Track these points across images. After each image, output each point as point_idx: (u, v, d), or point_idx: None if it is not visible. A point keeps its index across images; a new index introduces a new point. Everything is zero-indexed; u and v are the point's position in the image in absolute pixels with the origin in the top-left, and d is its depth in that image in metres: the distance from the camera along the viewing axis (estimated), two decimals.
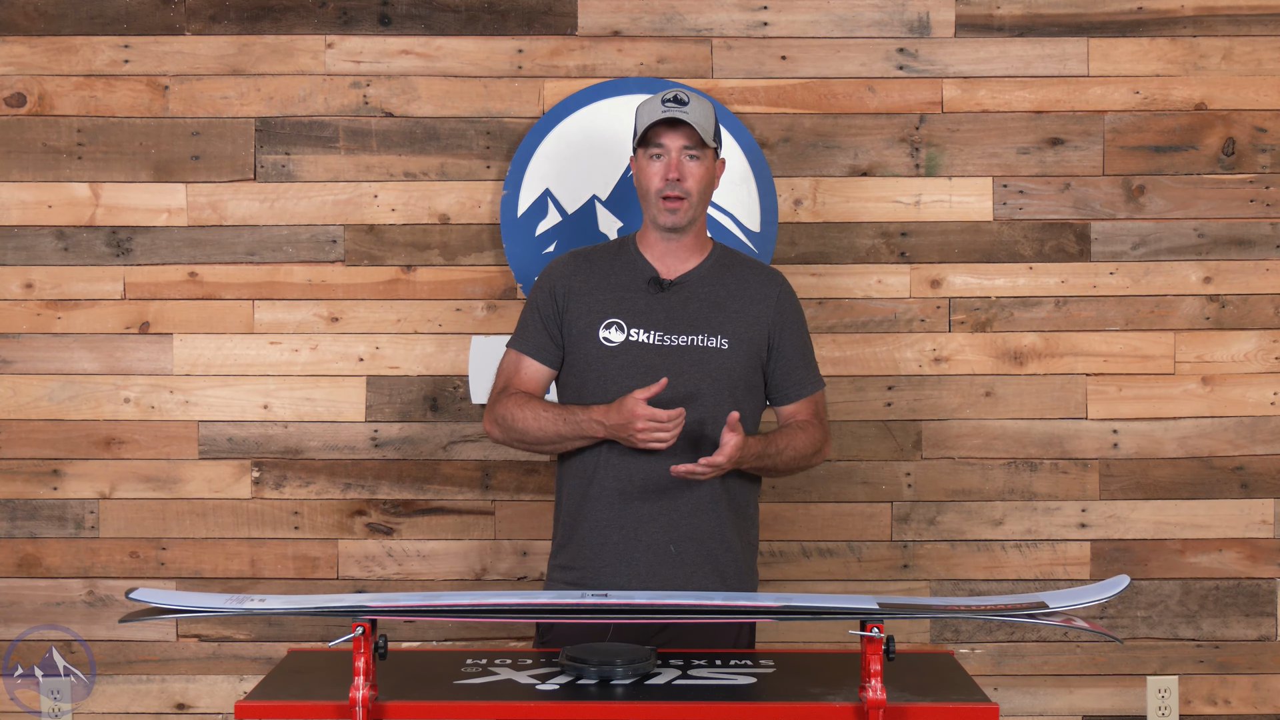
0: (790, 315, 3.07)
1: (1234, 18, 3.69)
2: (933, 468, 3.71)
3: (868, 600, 2.49)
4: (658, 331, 2.98)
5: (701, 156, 2.96)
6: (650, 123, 2.95)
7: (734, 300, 3.02)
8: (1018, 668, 3.73)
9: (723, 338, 2.99)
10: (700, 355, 2.97)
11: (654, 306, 3.00)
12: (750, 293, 3.04)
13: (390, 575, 3.70)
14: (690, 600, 2.58)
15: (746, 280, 3.05)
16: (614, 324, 3.00)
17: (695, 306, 3.01)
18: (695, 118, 2.94)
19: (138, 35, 3.68)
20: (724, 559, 3.00)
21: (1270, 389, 3.72)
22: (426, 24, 3.69)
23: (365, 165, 3.69)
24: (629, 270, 3.04)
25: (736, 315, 3.01)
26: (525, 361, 3.05)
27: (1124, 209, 3.71)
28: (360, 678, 2.34)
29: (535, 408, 2.97)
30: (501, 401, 3.02)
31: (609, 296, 3.02)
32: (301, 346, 3.70)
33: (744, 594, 2.92)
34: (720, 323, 3.00)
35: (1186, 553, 3.73)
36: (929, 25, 3.69)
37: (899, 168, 3.70)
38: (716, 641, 2.97)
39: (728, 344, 2.99)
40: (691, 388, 2.94)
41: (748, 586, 3.05)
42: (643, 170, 2.99)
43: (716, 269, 3.05)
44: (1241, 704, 3.74)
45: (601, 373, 2.97)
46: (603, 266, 3.06)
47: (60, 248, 3.69)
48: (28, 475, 3.70)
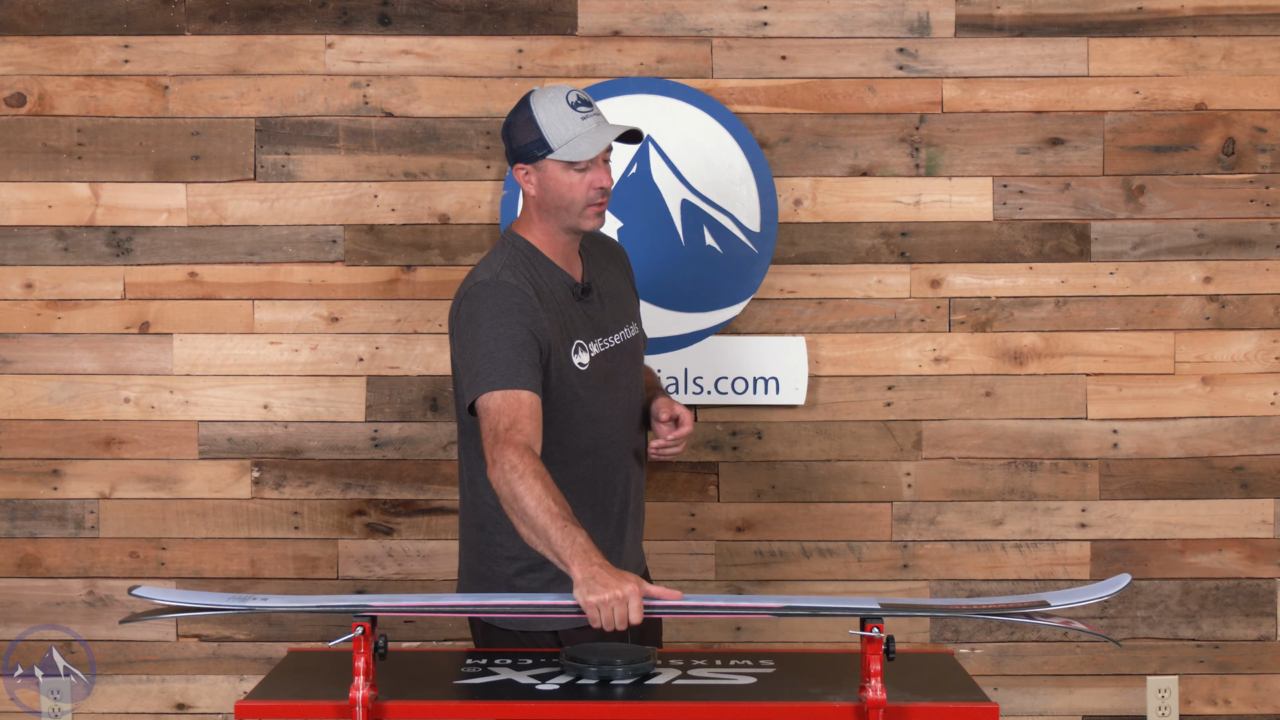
0: (632, 276, 3.06)
1: (1234, 18, 3.69)
2: (933, 468, 3.72)
3: (869, 601, 2.49)
4: (600, 338, 2.86)
5: (609, 157, 2.83)
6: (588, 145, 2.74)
7: (618, 280, 2.97)
8: (1018, 668, 3.73)
9: (634, 323, 2.97)
10: (634, 348, 2.94)
11: (588, 314, 2.86)
12: (619, 266, 3.00)
13: (390, 575, 3.70)
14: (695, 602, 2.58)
15: (609, 257, 2.99)
16: (578, 345, 2.82)
17: (608, 302, 2.90)
18: (622, 124, 2.87)
19: (138, 35, 3.68)
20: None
21: (1270, 389, 3.72)
22: (426, 24, 3.69)
23: (365, 165, 3.69)
24: (558, 284, 2.83)
25: (627, 295, 2.99)
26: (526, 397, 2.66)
27: (1124, 209, 3.71)
28: (360, 678, 2.34)
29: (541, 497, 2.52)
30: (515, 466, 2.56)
31: (558, 317, 2.80)
32: (301, 346, 3.70)
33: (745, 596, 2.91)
34: (625, 307, 2.96)
35: (1186, 553, 3.73)
36: (929, 25, 3.69)
37: (899, 168, 3.70)
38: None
39: (637, 327, 2.98)
40: (635, 379, 2.93)
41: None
42: (561, 182, 2.77)
43: (590, 258, 2.92)
44: (1241, 704, 3.74)
45: (576, 395, 2.80)
46: (543, 286, 2.80)
47: (60, 248, 3.69)
48: (28, 475, 3.71)
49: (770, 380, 3.67)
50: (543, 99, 2.78)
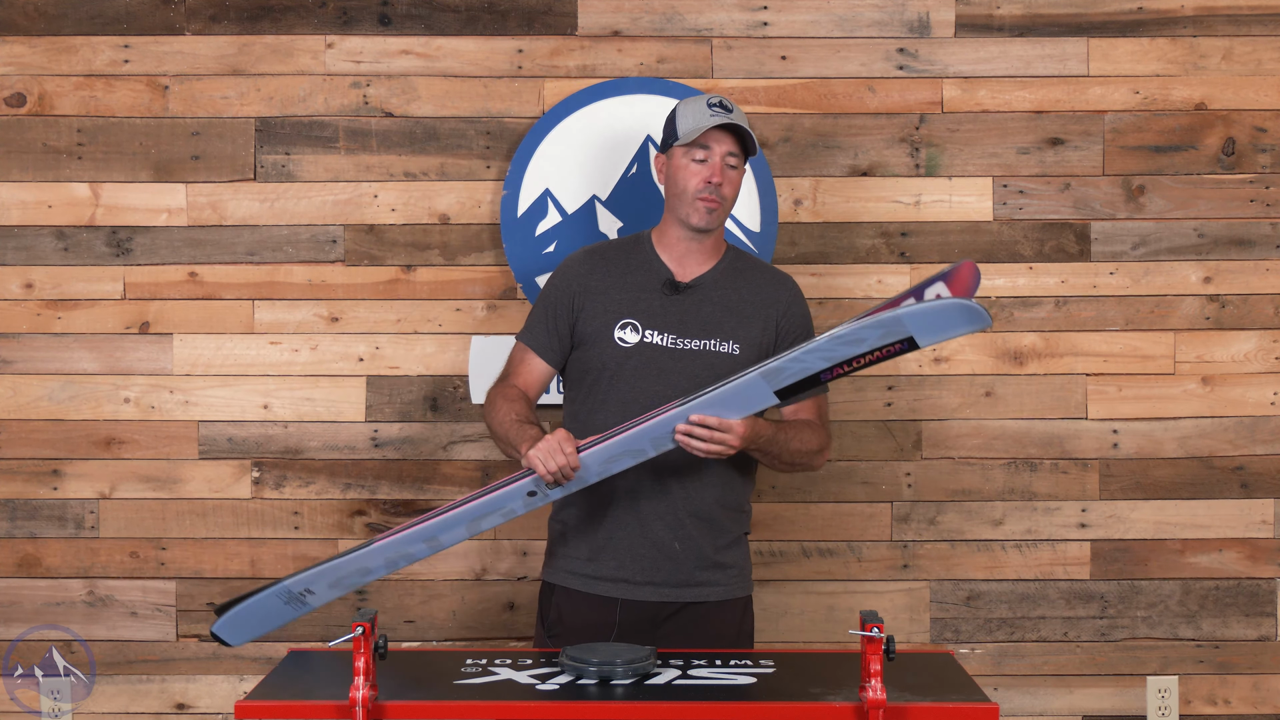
0: (797, 318, 3.10)
1: (1234, 18, 3.69)
2: (933, 468, 3.71)
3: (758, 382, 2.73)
4: (671, 334, 3.01)
5: (739, 166, 3.04)
6: (703, 124, 2.98)
7: (746, 305, 3.05)
8: (1018, 668, 3.73)
9: (735, 343, 3.02)
10: (712, 360, 2.99)
11: (669, 309, 3.02)
12: (762, 297, 3.07)
13: (390, 575, 3.69)
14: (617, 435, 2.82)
15: (758, 284, 3.08)
16: (629, 324, 3.03)
17: (709, 310, 3.04)
18: (745, 124, 3.02)
19: (138, 35, 3.68)
20: (719, 556, 3.05)
21: (1270, 389, 3.72)
22: (426, 24, 3.69)
23: (365, 165, 3.69)
24: (644, 270, 3.07)
25: (748, 320, 3.04)
26: (530, 356, 3.10)
27: (1124, 209, 3.71)
28: (360, 678, 2.34)
29: (505, 412, 2.98)
30: (492, 398, 3.06)
31: (625, 296, 3.04)
32: (301, 346, 3.70)
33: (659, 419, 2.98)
34: (732, 328, 3.03)
35: (1186, 553, 3.73)
36: (929, 25, 3.69)
37: (899, 168, 3.70)
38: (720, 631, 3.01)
39: (739, 350, 3.02)
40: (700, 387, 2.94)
41: (744, 576, 3.12)
42: (682, 169, 3.01)
43: (730, 273, 3.09)
44: (1241, 704, 3.74)
45: (615, 372, 3.01)
46: (619, 265, 3.09)
47: (60, 248, 3.69)
48: (28, 475, 3.71)
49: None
50: (688, 99, 3.08)
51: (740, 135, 3.02)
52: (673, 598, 3.00)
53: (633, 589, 2.98)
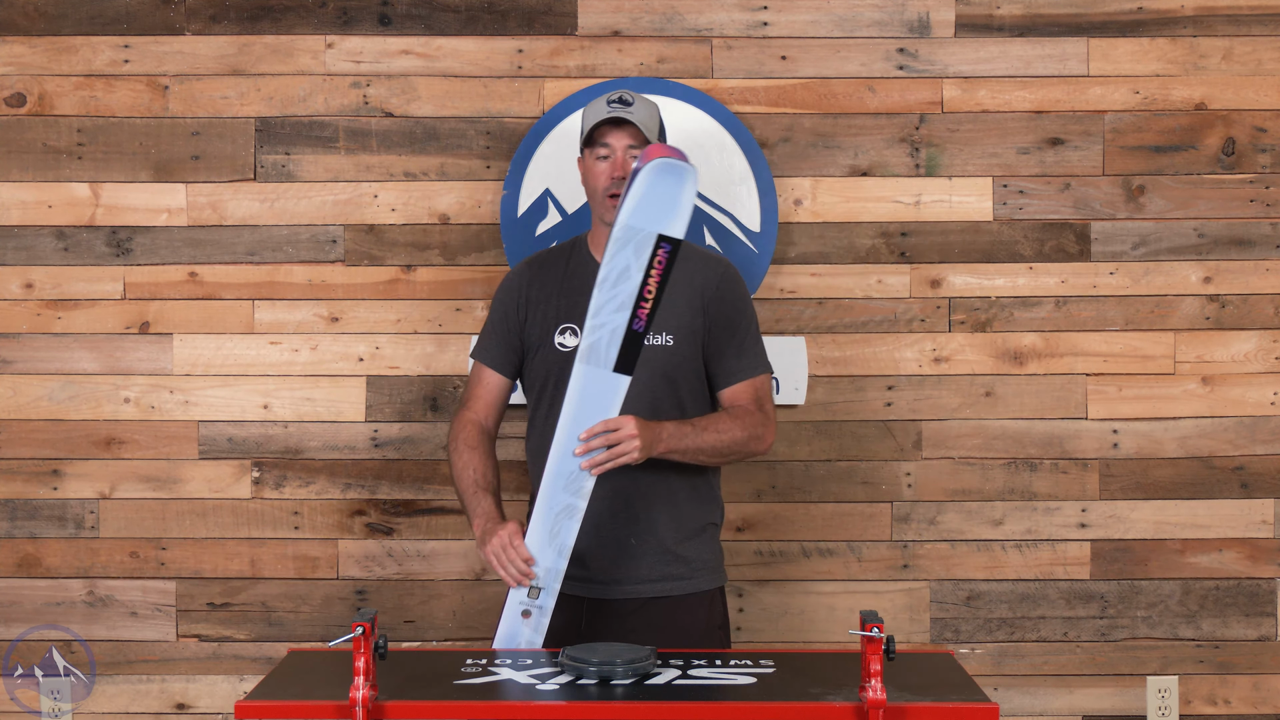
0: (728, 299, 3.06)
1: (1234, 18, 3.69)
2: (933, 468, 3.72)
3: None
4: None
5: None
6: (595, 123, 2.98)
7: (677, 294, 3.01)
8: (1018, 668, 3.73)
9: (668, 334, 3.01)
10: (647, 354, 2.95)
11: None
12: (694, 283, 3.04)
13: (390, 575, 3.70)
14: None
15: (689, 272, 3.05)
16: (568, 329, 3.04)
17: None
18: (639, 117, 2.98)
19: (138, 35, 3.68)
20: (680, 549, 3.02)
21: (1270, 389, 3.72)
22: (426, 24, 3.69)
23: (365, 165, 3.69)
24: (580, 273, 3.06)
25: (680, 309, 3.02)
26: (486, 374, 3.12)
27: (1124, 209, 3.71)
28: (360, 678, 2.34)
29: (463, 467, 3.02)
30: (455, 437, 3.08)
31: (563, 301, 3.05)
32: (301, 346, 3.70)
33: None
34: (664, 319, 3.00)
35: (1186, 553, 3.73)
36: (929, 25, 3.70)
37: (899, 168, 3.70)
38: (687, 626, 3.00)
39: (673, 340, 3.01)
40: (640, 387, 2.93)
41: (710, 569, 3.07)
42: (590, 170, 3.02)
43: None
44: (1241, 704, 3.74)
45: (560, 378, 2.96)
46: (556, 271, 3.10)
47: (60, 248, 3.69)
48: (28, 475, 3.71)
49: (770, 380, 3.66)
50: (594, 99, 3.05)
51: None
52: (634, 594, 2.98)
53: (597, 587, 2.97)
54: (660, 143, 2.95)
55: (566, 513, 2.82)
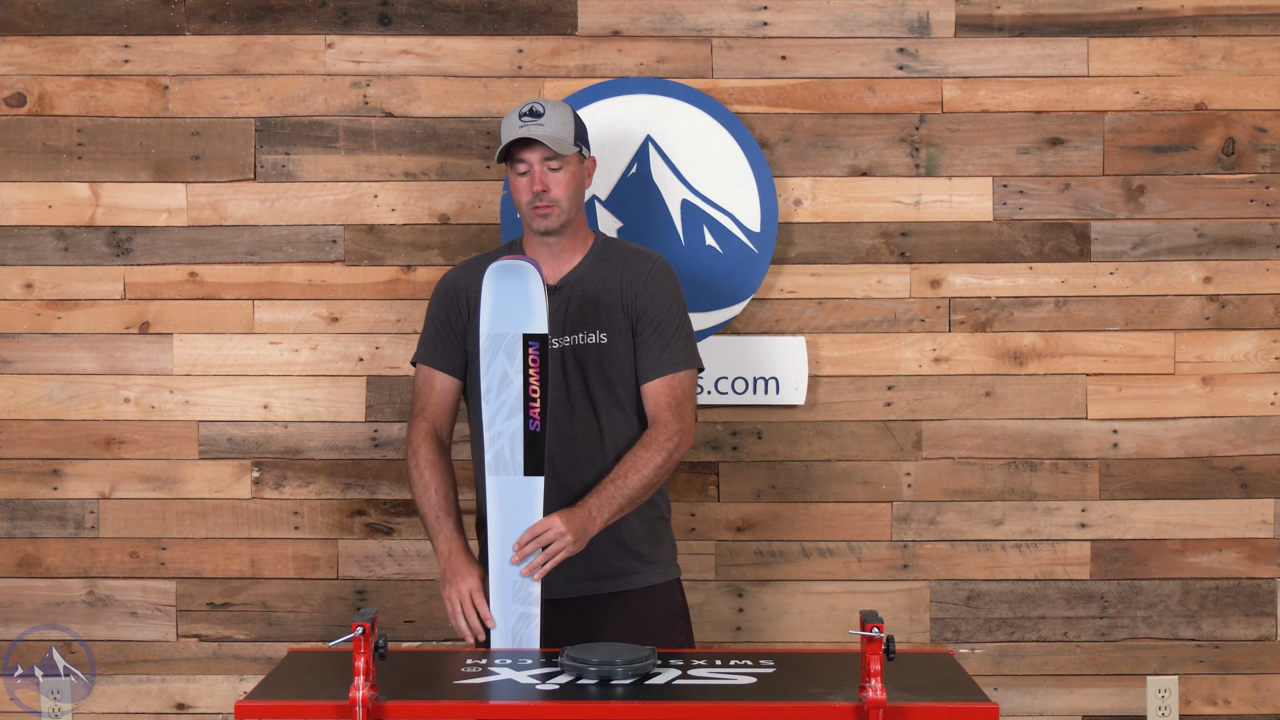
0: (653, 293, 3.07)
1: (1234, 18, 3.69)
2: (933, 468, 3.71)
3: None
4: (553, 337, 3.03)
5: (563, 165, 3.02)
6: (507, 142, 3.00)
7: (608, 292, 3.06)
8: (1018, 668, 3.73)
9: (601, 332, 3.04)
10: (582, 354, 3.02)
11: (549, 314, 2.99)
12: (625, 280, 3.07)
13: (390, 575, 3.70)
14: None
15: (619, 270, 3.09)
16: None
17: (575, 305, 3.05)
18: (548, 131, 2.99)
19: (138, 35, 3.68)
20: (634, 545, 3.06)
21: (1270, 389, 3.72)
22: (426, 24, 3.69)
23: (365, 165, 3.69)
24: None
25: (611, 307, 3.05)
26: (435, 377, 3.11)
27: (1124, 209, 3.71)
28: (360, 678, 2.34)
29: (424, 487, 3.04)
30: (414, 450, 3.08)
31: None
32: (301, 346, 3.70)
33: None
34: (597, 317, 3.04)
35: (1186, 553, 3.73)
36: (929, 25, 3.69)
37: (899, 168, 3.70)
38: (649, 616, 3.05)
39: (606, 338, 3.04)
40: (579, 387, 2.99)
41: (664, 562, 3.12)
42: (513, 185, 3.05)
43: (596, 264, 3.10)
44: (1241, 704, 3.74)
45: None
46: None
47: (60, 248, 3.69)
48: (28, 475, 3.71)
49: (770, 380, 3.67)
50: (510, 112, 3.05)
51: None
52: (591, 590, 3.02)
53: (554, 587, 2.97)
54: (578, 147, 3.04)
55: (523, 621, 2.87)
